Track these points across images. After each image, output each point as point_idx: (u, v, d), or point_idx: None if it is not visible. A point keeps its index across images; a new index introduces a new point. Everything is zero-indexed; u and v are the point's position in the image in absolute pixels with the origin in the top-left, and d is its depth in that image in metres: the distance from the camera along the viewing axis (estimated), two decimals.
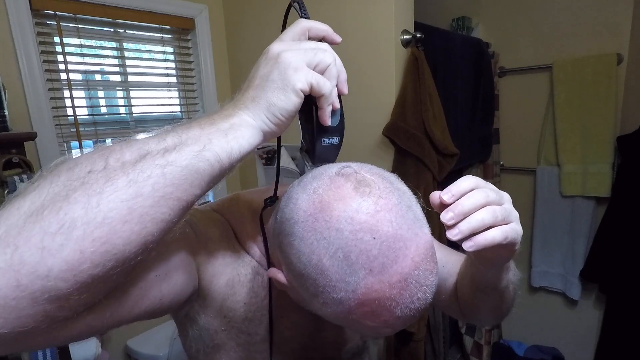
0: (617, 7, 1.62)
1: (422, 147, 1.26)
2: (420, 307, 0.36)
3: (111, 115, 1.57)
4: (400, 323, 0.37)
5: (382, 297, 0.35)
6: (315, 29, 0.43)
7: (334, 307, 0.37)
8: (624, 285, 1.62)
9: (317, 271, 0.36)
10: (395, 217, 0.35)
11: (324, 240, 0.35)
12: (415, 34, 1.26)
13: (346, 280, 0.35)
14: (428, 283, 0.36)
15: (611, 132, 1.65)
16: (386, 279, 0.34)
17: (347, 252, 0.34)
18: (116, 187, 0.29)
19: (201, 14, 1.69)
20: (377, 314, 0.36)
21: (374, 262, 0.34)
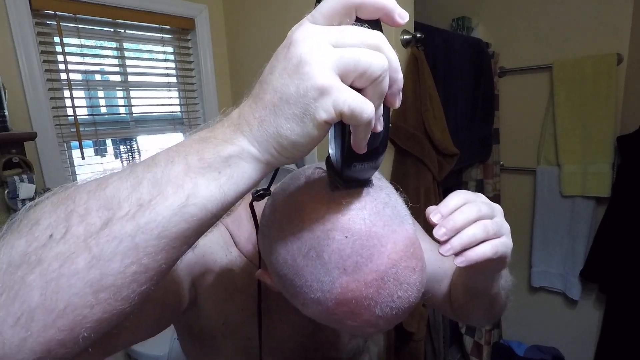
0: (617, 7, 1.62)
1: (422, 147, 1.26)
2: (403, 306, 0.35)
3: (111, 115, 1.57)
4: (383, 322, 0.36)
5: (359, 296, 0.34)
6: (369, 8, 0.27)
7: (313, 307, 0.37)
8: (624, 285, 1.62)
9: (292, 271, 0.36)
10: (369, 214, 0.35)
11: (298, 240, 0.35)
12: (415, 34, 1.26)
13: (321, 280, 0.34)
14: (410, 281, 0.35)
15: (611, 132, 1.65)
16: (361, 278, 0.33)
17: (320, 252, 0.34)
18: (77, 268, 0.24)
19: (201, 14, 1.69)
20: (357, 313, 0.35)
21: (347, 261, 0.33)
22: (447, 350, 1.73)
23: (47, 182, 1.30)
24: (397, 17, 0.27)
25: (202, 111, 1.78)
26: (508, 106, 1.97)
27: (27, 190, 0.80)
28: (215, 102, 1.80)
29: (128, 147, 1.54)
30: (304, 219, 0.35)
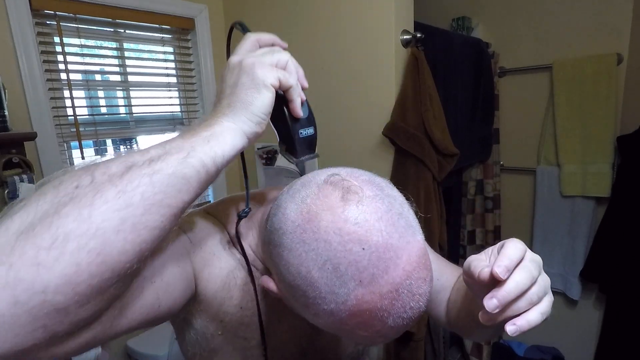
0: (617, 7, 1.62)
1: (422, 147, 1.26)
2: (413, 316, 0.36)
3: (111, 115, 1.57)
4: (393, 332, 0.37)
5: (373, 308, 0.34)
6: (264, 39, 0.46)
7: (325, 319, 0.37)
8: (624, 285, 1.62)
9: (306, 283, 0.36)
10: (385, 225, 0.34)
11: (312, 252, 0.35)
12: (415, 34, 1.26)
13: (336, 292, 0.34)
14: (421, 292, 0.36)
15: (611, 132, 1.65)
16: (377, 290, 0.34)
17: (336, 264, 0.34)
18: (106, 198, 0.29)
19: (201, 14, 1.69)
20: (369, 324, 0.35)
21: (363, 273, 0.33)
22: (447, 351, 1.73)
23: None
24: (282, 42, 0.49)
25: (202, 111, 1.78)
26: (508, 106, 1.97)
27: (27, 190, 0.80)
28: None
29: (128, 147, 1.54)
30: (319, 230, 0.35)
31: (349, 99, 1.41)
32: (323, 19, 1.41)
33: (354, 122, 1.42)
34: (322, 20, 1.42)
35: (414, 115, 1.27)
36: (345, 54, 1.38)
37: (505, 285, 0.34)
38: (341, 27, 1.37)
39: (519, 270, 0.35)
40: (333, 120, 1.47)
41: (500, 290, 0.34)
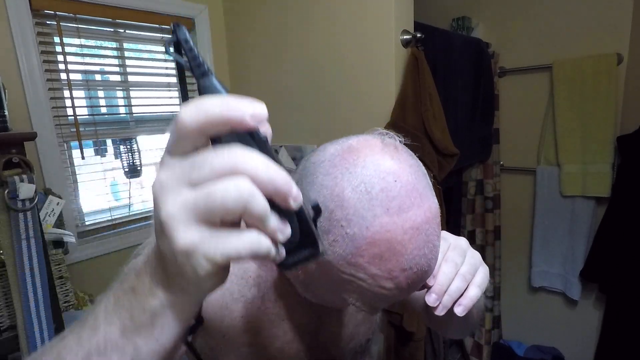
0: (617, 7, 1.62)
1: (422, 147, 1.26)
2: (423, 267, 0.38)
3: (111, 115, 1.57)
4: (403, 279, 0.37)
5: (393, 239, 0.36)
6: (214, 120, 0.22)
7: (343, 246, 0.36)
8: (624, 285, 1.62)
9: (336, 202, 0.36)
10: (415, 174, 0.38)
11: (349, 174, 0.37)
12: (415, 34, 1.26)
13: (363, 215, 0.35)
14: (434, 244, 0.38)
15: (611, 132, 1.65)
16: (400, 222, 0.36)
17: (370, 187, 0.36)
18: None
19: (201, 14, 1.69)
20: (385, 258, 0.36)
21: (392, 202, 0.36)
22: (447, 351, 1.73)
23: (47, 182, 1.30)
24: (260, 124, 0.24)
25: None
26: (508, 106, 1.97)
27: (27, 190, 0.80)
28: None
29: (128, 147, 1.54)
30: (359, 158, 0.38)
31: (348, 99, 1.41)
32: (323, 19, 1.41)
33: (354, 122, 1.42)
34: (321, 20, 1.42)
35: (414, 115, 1.27)
36: (345, 54, 1.38)
37: (437, 279, 0.42)
38: (341, 27, 1.37)
39: (444, 263, 0.43)
40: (333, 120, 1.47)
41: (435, 285, 0.42)
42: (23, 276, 0.80)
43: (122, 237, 1.54)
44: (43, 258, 0.83)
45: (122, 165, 1.54)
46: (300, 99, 1.56)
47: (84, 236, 1.45)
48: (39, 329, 0.83)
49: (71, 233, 1.11)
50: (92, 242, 1.46)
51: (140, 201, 1.66)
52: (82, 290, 1.37)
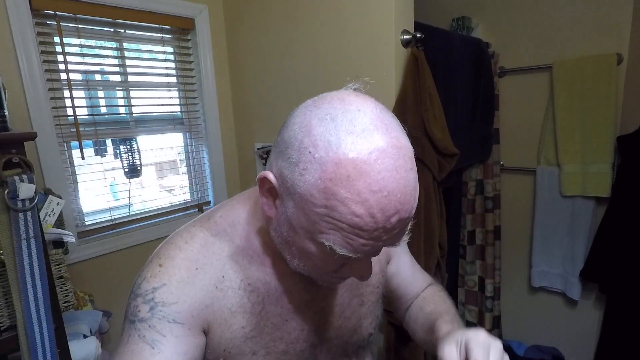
0: (617, 7, 1.62)
1: (422, 147, 1.26)
2: (394, 191, 0.37)
3: (111, 115, 1.57)
4: (374, 203, 0.37)
5: (358, 158, 0.36)
6: None
7: (312, 172, 0.38)
8: (624, 285, 1.62)
9: (304, 132, 0.39)
10: (381, 110, 0.40)
11: (317, 109, 0.40)
12: (415, 34, 1.26)
13: (328, 139, 0.37)
14: (406, 172, 0.38)
15: (611, 132, 1.65)
16: (365, 144, 0.37)
17: (334, 116, 0.39)
18: None
19: (201, 14, 1.69)
20: (352, 178, 0.36)
21: (357, 127, 0.38)
22: None
23: (47, 182, 1.30)
24: None
25: (202, 111, 1.78)
26: (508, 106, 1.97)
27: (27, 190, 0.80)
28: (215, 102, 1.80)
29: (128, 147, 1.54)
30: (327, 98, 0.41)
31: None
32: (323, 19, 1.41)
33: None
34: (322, 20, 1.42)
35: (414, 115, 1.27)
36: (345, 54, 1.38)
37: None
38: (341, 27, 1.37)
39: None
40: None
41: None
42: (23, 276, 0.80)
43: (122, 237, 1.54)
44: (43, 258, 0.83)
45: (122, 165, 1.54)
46: (300, 98, 1.56)
47: (84, 236, 1.45)
48: (39, 329, 0.83)
49: (71, 233, 1.11)
50: (92, 242, 1.46)
51: (140, 201, 1.66)
52: (82, 290, 1.37)
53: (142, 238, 1.58)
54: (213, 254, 0.51)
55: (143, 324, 0.46)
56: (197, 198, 1.84)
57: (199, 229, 0.53)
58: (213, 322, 0.50)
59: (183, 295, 0.48)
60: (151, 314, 0.46)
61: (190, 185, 1.83)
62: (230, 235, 0.53)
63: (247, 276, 0.52)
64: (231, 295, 0.51)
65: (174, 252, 0.50)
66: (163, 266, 0.49)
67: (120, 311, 0.52)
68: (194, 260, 0.50)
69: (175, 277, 0.48)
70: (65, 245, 1.12)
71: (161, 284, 0.48)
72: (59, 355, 0.87)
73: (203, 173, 1.85)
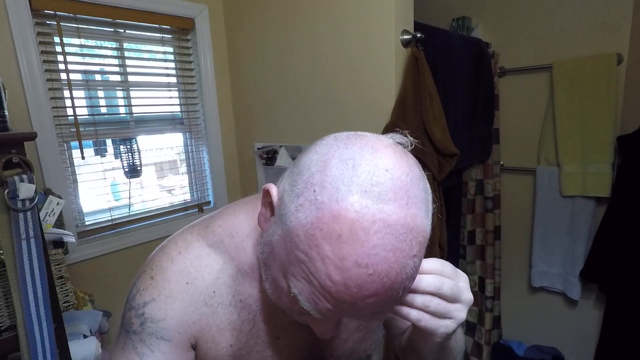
0: (617, 7, 1.62)
1: (422, 147, 1.26)
2: (381, 275, 0.33)
3: (111, 115, 1.57)
4: (354, 276, 0.32)
5: (358, 222, 0.32)
6: None
7: (307, 212, 0.34)
8: (624, 285, 1.62)
9: (319, 167, 0.35)
10: (412, 178, 0.35)
11: (345, 148, 0.36)
12: (415, 34, 1.26)
13: (338, 187, 0.33)
14: (406, 260, 0.34)
15: (611, 132, 1.65)
16: (373, 209, 0.32)
17: (357, 165, 0.34)
18: None
19: (201, 14, 1.69)
20: (342, 240, 0.32)
21: (374, 187, 0.33)
22: None
23: (47, 182, 1.30)
24: None
25: (202, 111, 1.78)
26: (508, 106, 1.97)
27: (27, 190, 0.80)
28: (215, 102, 1.80)
29: (128, 147, 1.54)
30: (363, 140, 0.37)
31: (348, 99, 1.41)
32: (323, 19, 1.41)
33: (353, 122, 1.42)
34: (322, 20, 1.42)
35: (414, 115, 1.27)
36: (345, 54, 1.38)
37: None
38: (341, 27, 1.37)
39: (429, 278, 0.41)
40: (333, 120, 1.47)
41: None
42: (23, 276, 0.80)
43: (122, 237, 1.54)
44: (43, 258, 0.83)
45: (122, 165, 1.54)
46: (300, 98, 1.56)
47: (84, 236, 1.45)
48: (39, 329, 0.83)
49: (71, 233, 1.11)
50: (92, 242, 1.46)
51: (140, 201, 1.66)
52: (82, 290, 1.37)
53: (142, 238, 1.58)
54: (206, 267, 0.50)
55: (136, 336, 0.48)
56: (197, 198, 1.84)
57: (196, 237, 0.52)
58: (200, 338, 0.50)
59: (171, 311, 0.48)
60: (142, 328, 0.48)
61: (190, 185, 1.83)
62: (227, 247, 0.51)
63: (239, 292, 0.51)
64: (221, 312, 0.50)
65: (166, 263, 0.50)
66: (154, 279, 0.49)
67: (120, 311, 0.52)
68: (185, 273, 0.49)
69: (164, 292, 0.48)
70: (65, 245, 1.12)
71: (151, 299, 0.48)
72: (59, 355, 0.87)
73: (203, 173, 1.85)
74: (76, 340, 1.12)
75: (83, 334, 1.16)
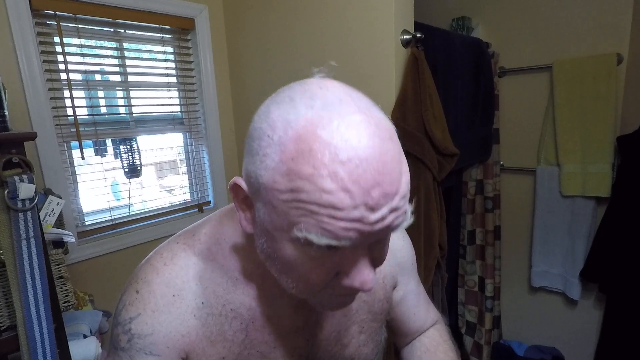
0: (617, 7, 1.62)
1: (422, 147, 1.26)
2: (369, 159, 0.31)
3: (111, 115, 1.57)
4: (345, 175, 0.30)
5: (320, 127, 0.32)
6: None
7: (272, 156, 0.33)
8: (624, 285, 1.62)
9: (262, 119, 0.36)
10: (347, 90, 0.37)
11: (276, 96, 0.38)
12: (415, 34, 1.26)
13: (287, 119, 0.34)
14: (387, 147, 0.33)
15: (611, 132, 1.65)
16: (329, 114, 0.32)
17: (293, 96, 0.35)
18: None
19: (201, 14, 1.69)
20: (314, 150, 0.31)
21: (317, 102, 0.33)
22: None
23: (47, 182, 1.30)
24: None
25: (202, 111, 1.78)
26: (508, 106, 1.97)
27: (27, 190, 0.80)
28: (215, 102, 1.80)
29: (128, 147, 1.54)
30: (286, 86, 0.39)
31: None
32: (323, 19, 1.41)
33: None
34: (321, 20, 1.42)
35: (414, 115, 1.27)
36: (345, 54, 1.38)
37: None
38: (341, 27, 1.37)
39: None
40: None
41: None
42: (23, 276, 0.80)
43: (122, 237, 1.54)
44: (43, 258, 0.83)
45: (122, 165, 1.54)
46: None
47: (84, 236, 1.45)
48: (39, 329, 0.83)
49: (71, 233, 1.11)
50: (92, 242, 1.46)
51: (140, 201, 1.66)
52: (82, 290, 1.37)
53: (142, 238, 1.58)
54: (193, 277, 0.48)
55: (124, 353, 0.47)
56: (197, 198, 1.84)
57: (182, 246, 0.50)
58: (190, 352, 0.48)
59: (158, 325, 0.46)
60: (129, 345, 0.46)
61: (190, 185, 1.83)
62: (215, 255, 0.49)
63: (229, 301, 0.49)
64: (211, 323, 0.48)
65: (151, 276, 0.48)
66: (139, 292, 0.47)
67: None
68: (172, 285, 0.48)
69: (150, 306, 0.47)
70: (65, 245, 1.12)
71: (137, 314, 0.46)
72: (59, 355, 0.87)
73: (203, 173, 1.85)
74: (76, 340, 1.12)
75: (83, 334, 1.16)
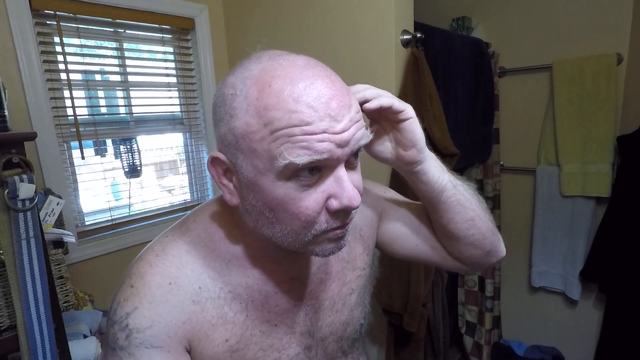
0: (617, 7, 1.62)
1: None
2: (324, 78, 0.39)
3: (111, 115, 1.57)
4: (303, 93, 0.38)
5: (274, 69, 0.39)
6: None
7: (240, 107, 0.39)
8: (624, 285, 1.62)
9: (221, 87, 0.43)
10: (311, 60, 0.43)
11: (234, 71, 0.43)
12: (415, 34, 1.26)
13: (243, 76, 0.40)
14: (328, 72, 0.41)
15: (611, 132, 1.65)
16: (278, 59, 0.40)
17: (241, 63, 0.42)
18: None
19: (201, 14, 1.69)
20: (274, 84, 0.38)
21: (263, 56, 0.42)
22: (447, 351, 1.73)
23: (47, 182, 1.30)
24: None
25: (202, 111, 1.78)
26: (508, 106, 1.97)
27: (27, 190, 0.80)
28: None
29: (128, 147, 1.54)
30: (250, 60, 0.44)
31: None
32: (323, 19, 1.41)
33: None
34: (321, 20, 1.42)
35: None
36: (345, 54, 1.38)
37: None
38: (341, 27, 1.37)
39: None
40: None
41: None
42: (23, 276, 0.80)
43: (122, 237, 1.54)
44: (43, 258, 0.83)
45: (122, 165, 1.54)
46: None
47: (84, 236, 1.45)
48: (39, 329, 0.83)
49: (71, 233, 1.11)
50: (92, 242, 1.46)
51: (140, 201, 1.66)
52: (82, 290, 1.37)
53: (142, 238, 1.58)
54: (187, 264, 0.48)
55: (123, 351, 0.45)
56: (197, 198, 1.84)
57: (171, 238, 0.50)
58: (193, 338, 0.47)
59: (157, 316, 0.45)
60: (128, 341, 0.45)
61: (190, 185, 1.83)
62: (205, 240, 0.50)
63: (226, 283, 0.49)
64: (210, 307, 0.48)
65: (144, 268, 0.47)
66: (134, 287, 0.46)
67: None
68: (166, 274, 0.47)
69: (147, 298, 0.45)
70: (65, 245, 1.12)
71: (133, 308, 0.45)
72: (59, 355, 0.87)
73: (203, 173, 1.85)
74: (76, 340, 1.12)
75: (83, 334, 1.16)
